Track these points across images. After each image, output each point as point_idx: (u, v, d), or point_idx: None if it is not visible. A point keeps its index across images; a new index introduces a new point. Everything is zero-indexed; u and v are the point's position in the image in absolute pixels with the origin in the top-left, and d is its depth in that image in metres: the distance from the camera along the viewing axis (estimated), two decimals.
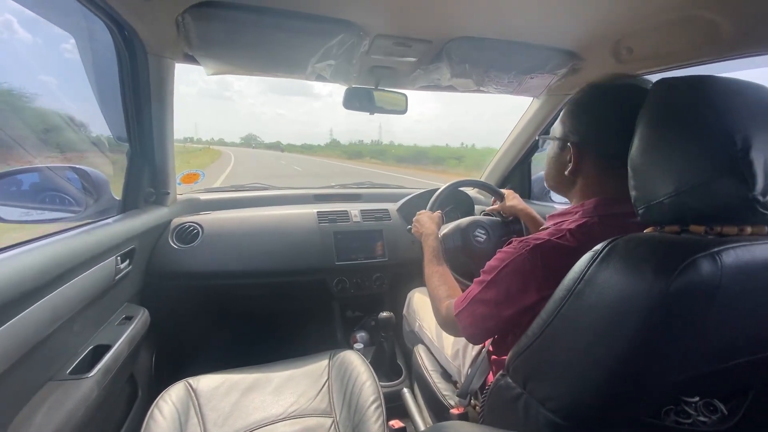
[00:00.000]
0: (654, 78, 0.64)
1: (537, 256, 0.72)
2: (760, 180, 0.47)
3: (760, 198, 0.47)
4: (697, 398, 0.61)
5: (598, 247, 0.54)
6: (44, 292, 0.78)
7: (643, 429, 0.58)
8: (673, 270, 0.45)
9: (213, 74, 1.15)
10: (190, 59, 1.16)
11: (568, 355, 0.57)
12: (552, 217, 0.85)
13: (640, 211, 0.59)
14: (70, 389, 0.86)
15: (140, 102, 1.20)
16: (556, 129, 0.84)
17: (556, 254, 0.70)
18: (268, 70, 1.23)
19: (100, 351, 0.99)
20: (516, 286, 0.73)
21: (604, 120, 0.74)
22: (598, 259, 0.53)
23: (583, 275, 0.54)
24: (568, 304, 0.56)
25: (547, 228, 0.80)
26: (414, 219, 1.33)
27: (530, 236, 0.76)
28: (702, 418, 0.60)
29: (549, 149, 0.87)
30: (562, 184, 0.85)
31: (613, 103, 0.74)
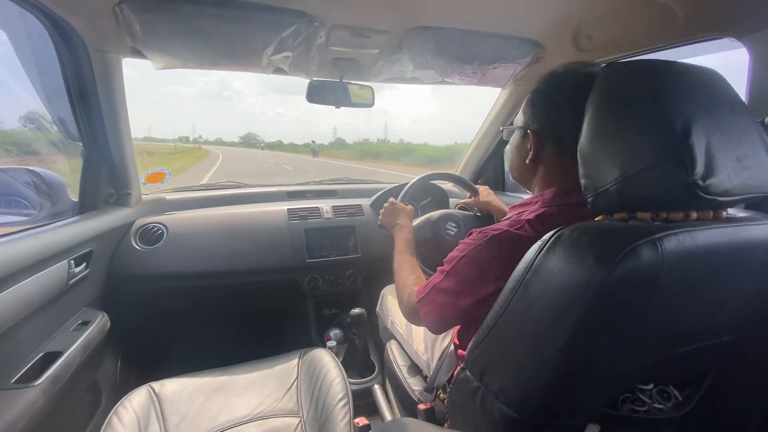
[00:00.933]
0: None
1: (494, 247, 0.71)
2: (700, 165, 0.46)
3: (700, 183, 0.46)
4: (651, 385, 0.61)
5: (546, 237, 0.53)
6: None
7: (600, 420, 0.57)
8: (614, 258, 0.44)
9: (162, 68, 1.10)
10: (137, 53, 1.11)
11: (518, 346, 0.57)
12: (514, 207, 0.84)
13: (589, 200, 0.57)
14: (13, 399, 0.82)
15: (88, 99, 1.15)
16: (518, 118, 0.84)
17: (513, 245, 0.69)
18: (221, 64, 1.18)
19: (50, 358, 0.95)
20: (473, 276, 0.73)
21: (560, 107, 0.74)
22: (544, 249, 0.52)
23: (531, 266, 0.53)
24: (517, 296, 0.55)
25: (508, 218, 0.79)
26: (381, 210, 1.31)
27: (489, 227, 0.75)
28: (657, 405, 0.60)
29: (512, 139, 0.87)
30: (524, 174, 0.84)
31: (569, 90, 0.73)
